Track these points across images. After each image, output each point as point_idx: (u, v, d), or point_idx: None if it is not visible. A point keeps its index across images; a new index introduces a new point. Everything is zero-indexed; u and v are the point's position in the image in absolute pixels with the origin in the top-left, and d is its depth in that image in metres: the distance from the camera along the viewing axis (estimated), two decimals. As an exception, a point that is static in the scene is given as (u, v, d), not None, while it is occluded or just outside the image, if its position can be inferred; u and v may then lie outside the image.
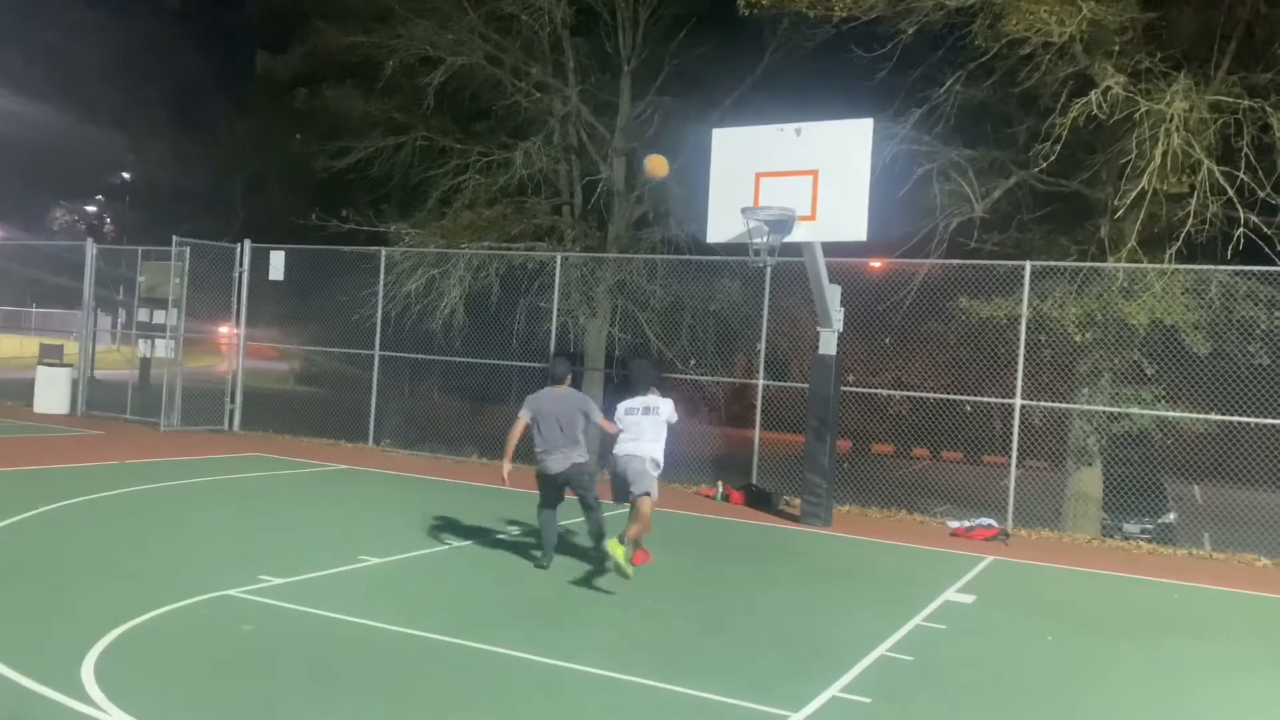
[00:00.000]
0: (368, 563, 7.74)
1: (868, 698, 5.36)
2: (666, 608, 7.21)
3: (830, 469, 11.32)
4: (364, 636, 5.89)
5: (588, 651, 5.84)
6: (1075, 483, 12.74)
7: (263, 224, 20.07)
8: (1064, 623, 7.49)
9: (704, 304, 15.48)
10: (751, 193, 10.13)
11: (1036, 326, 12.01)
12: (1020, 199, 13.10)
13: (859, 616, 7.23)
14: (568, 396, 7.90)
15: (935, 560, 9.75)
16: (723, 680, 5.47)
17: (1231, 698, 5.99)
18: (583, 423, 7.86)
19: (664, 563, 8.78)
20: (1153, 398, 11.97)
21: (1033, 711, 5.44)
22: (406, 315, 15.78)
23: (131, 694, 4.63)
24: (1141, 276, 11.49)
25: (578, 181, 16.89)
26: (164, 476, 11.46)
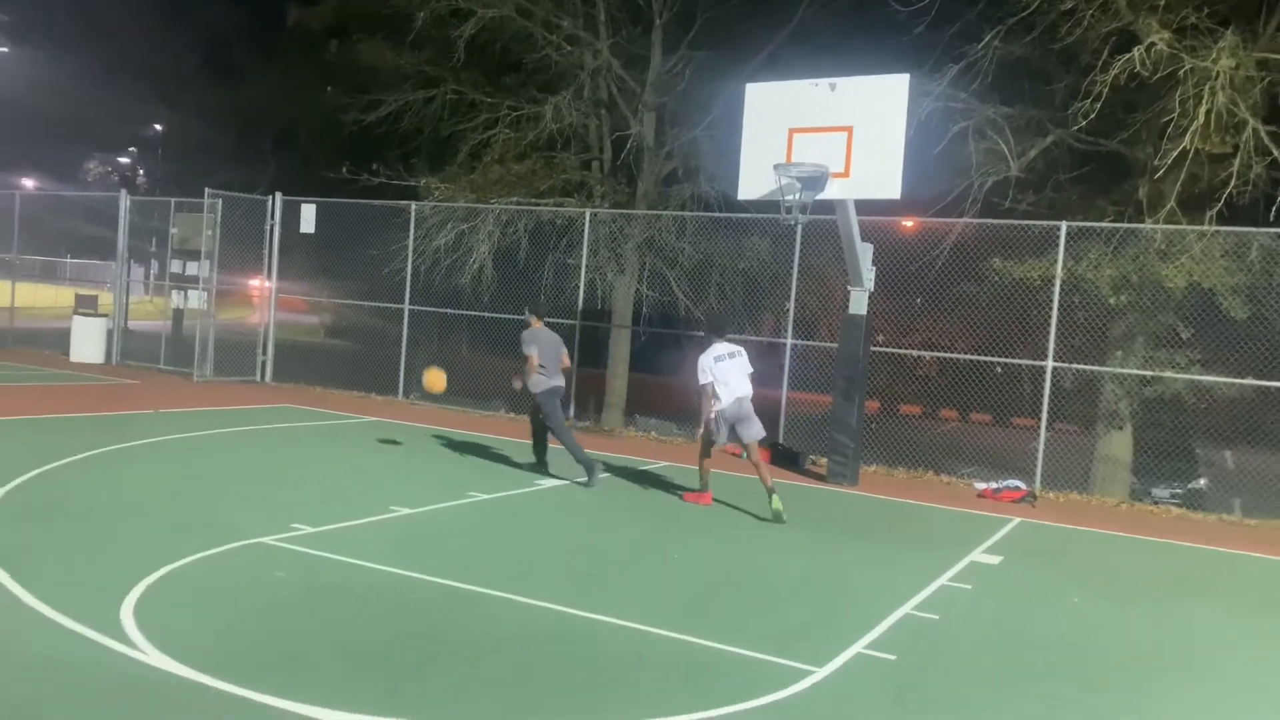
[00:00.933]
0: (398, 513, 7.84)
1: (892, 655, 5.39)
2: (692, 562, 7.27)
3: (858, 429, 11.30)
4: (395, 585, 5.99)
5: (613, 604, 5.90)
6: (1105, 446, 12.65)
7: (294, 177, 20.15)
8: (1090, 585, 7.48)
9: (733, 262, 15.39)
10: (784, 149, 10.02)
11: (1070, 288, 11.86)
12: (1057, 158, 12.87)
13: (884, 575, 7.25)
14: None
15: (962, 521, 9.75)
16: (748, 635, 5.52)
17: (1259, 664, 5.98)
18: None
19: (690, 518, 8.84)
20: (1187, 362, 11.82)
21: (1057, 672, 5.46)
22: (436, 270, 15.82)
23: (168, 636, 4.75)
24: (1180, 238, 11.30)
25: (607, 137, 16.76)
26: (198, 426, 11.63)
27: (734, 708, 4.46)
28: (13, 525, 6.57)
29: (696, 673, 4.93)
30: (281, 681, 4.32)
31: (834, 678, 4.97)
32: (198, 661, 4.45)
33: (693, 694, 4.58)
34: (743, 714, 4.42)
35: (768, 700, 4.59)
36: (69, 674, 4.30)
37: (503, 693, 4.48)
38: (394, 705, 4.19)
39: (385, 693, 4.34)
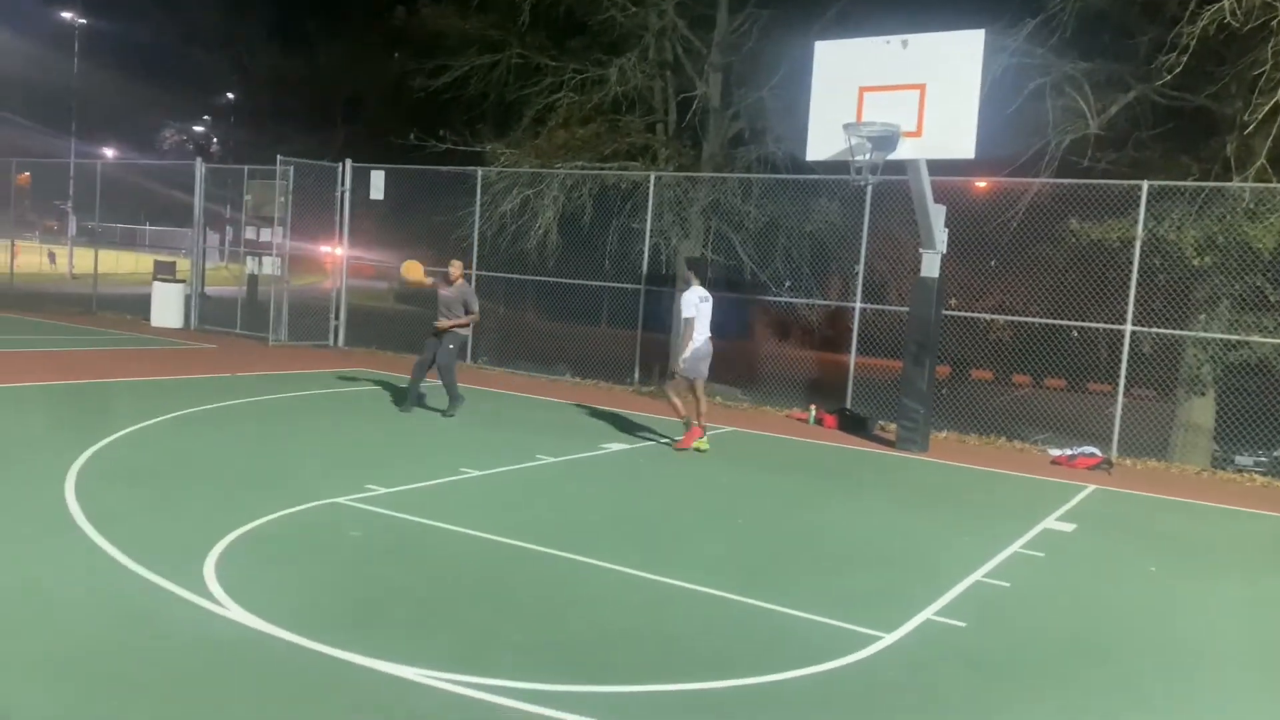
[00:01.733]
0: (468, 475, 7.96)
1: (963, 622, 5.33)
2: (760, 526, 7.26)
3: (928, 394, 11.13)
4: (468, 545, 6.09)
5: (682, 566, 5.93)
6: (1185, 412, 12.29)
7: (362, 144, 20.39)
8: (1168, 554, 7.30)
9: (800, 225, 15.20)
10: (854, 108, 9.83)
11: (1151, 250, 11.48)
12: (1139, 115, 12.41)
13: (955, 542, 7.16)
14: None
15: (1035, 488, 9.57)
16: (816, 600, 5.51)
17: (1348, 636, 5.78)
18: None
19: (757, 482, 8.82)
20: (1276, 325, 11.39)
21: (1131, 643, 5.34)
22: (502, 235, 15.91)
23: (249, 592, 4.89)
24: (1270, 197, 10.84)
25: (672, 99, 16.61)
26: (274, 389, 11.92)
27: (802, 671, 4.46)
28: (100, 486, 6.82)
29: (765, 636, 4.93)
30: (356, 637, 4.43)
31: (903, 643, 4.94)
32: (276, 617, 4.58)
33: (762, 657, 4.59)
34: (811, 678, 4.42)
35: (836, 664, 4.58)
36: (156, 628, 4.46)
37: (574, 652, 4.53)
38: (467, 662, 4.27)
39: (458, 649, 4.43)
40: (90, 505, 6.21)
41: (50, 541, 5.52)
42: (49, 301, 21.27)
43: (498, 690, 4.02)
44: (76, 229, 27.13)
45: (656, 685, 4.20)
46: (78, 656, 4.10)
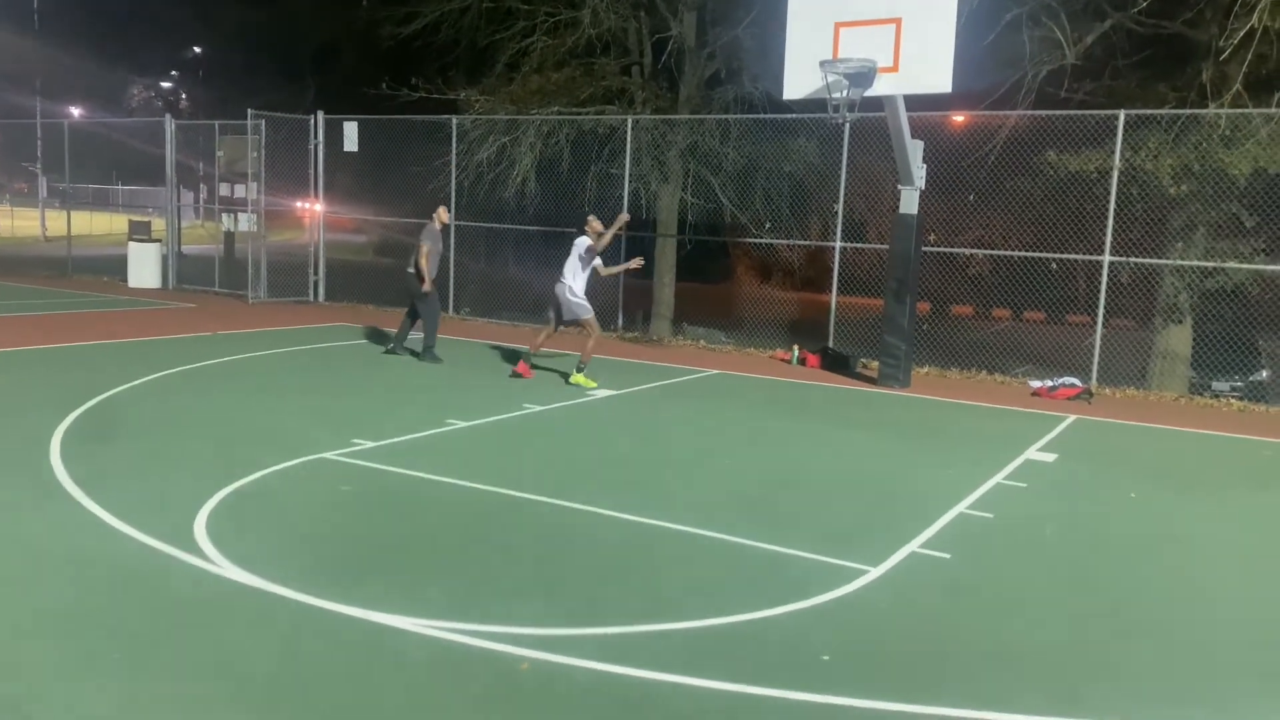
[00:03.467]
0: (455, 426, 7.99)
1: (947, 553, 5.44)
2: (746, 466, 7.34)
3: (909, 330, 11.21)
4: (457, 495, 6.15)
5: (671, 508, 6.01)
6: (1163, 341, 12.42)
7: (335, 95, 20.04)
8: (1148, 480, 7.44)
9: (778, 165, 15.14)
10: (830, 44, 9.75)
11: (1128, 179, 11.51)
12: (1115, 44, 12.34)
13: (938, 475, 7.27)
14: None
15: (1016, 420, 9.70)
16: (803, 536, 5.60)
17: (1320, 553, 5.94)
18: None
19: (743, 423, 8.90)
20: (1251, 251, 11.48)
21: (1114, 567, 5.47)
22: (480, 184, 15.78)
23: (241, 548, 4.94)
24: (1246, 123, 10.86)
25: (647, 40, 16.39)
26: (256, 346, 11.88)
27: (791, 606, 4.55)
28: (86, 448, 6.82)
29: (753, 573, 5.03)
30: (349, 590, 4.49)
31: (889, 576, 5.04)
32: (269, 572, 4.63)
33: (750, 594, 4.68)
34: (800, 612, 4.51)
35: (824, 599, 4.68)
36: (147, 585, 4.50)
37: (565, 593, 4.61)
38: (461, 611, 4.34)
39: (452, 598, 4.50)
40: (76, 468, 6.22)
41: (37, 505, 5.53)
42: (23, 265, 21.02)
43: (492, 636, 4.09)
44: (47, 191, 26.71)
45: (649, 625, 4.28)
46: (71, 614, 4.14)
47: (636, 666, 3.87)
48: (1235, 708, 3.83)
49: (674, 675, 3.83)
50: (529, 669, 3.84)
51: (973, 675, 4.01)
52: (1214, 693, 3.95)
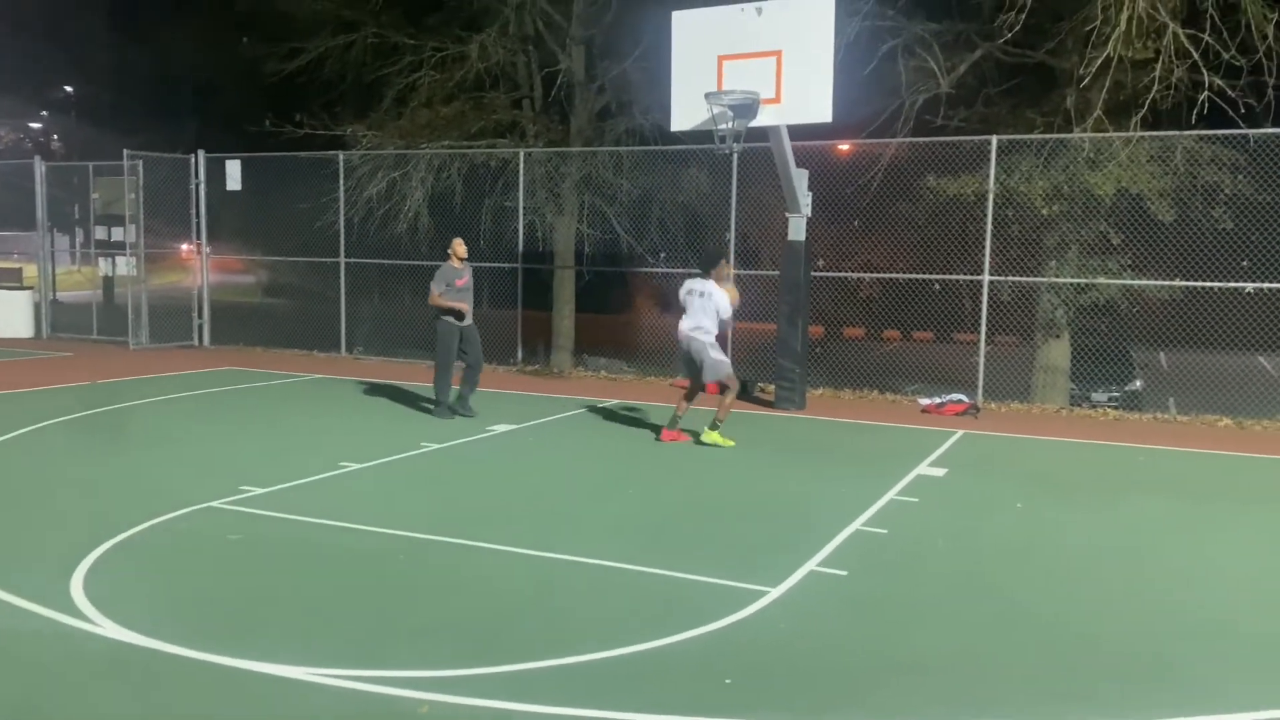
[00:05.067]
0: (349, 469, 7.80)
1: (844, 570, 5.53)
2: (647, 494, 7.35)
3: (802, 354, 11.43)
4: (352, 539, 5.98)
5: (573, 542, 5.97)
6: (1044, 355, 12.95)
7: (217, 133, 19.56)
8: (1034, 490, 7.71)
9: (672, 195, 15.33)
10: (715, 77, 9.94)
11: (1004, 201, 12.02)
12: (986, 73, 12.93)
13: (834, 493, 7.41)
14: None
15: (908, 437, 9.96)
16: (704, 561, 5.63)
17: (1196, 552, 6.24)
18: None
19: (642, 452, 8.92)
20: (1119, 267, 12.09)
21: (1004, 576, 5.65)
22: (370, 220, 15.55)
23: (121, 606, 4.70)
24: (1107, 146, 11.46)
25: (537, 74, 16.47)
26: (138, 394, 11.41)
27: (692, 633, 4.55)
28: (-49, 508, 6.42)
29: (655, 602, 5.02)
30: (243, 643, 4.31)
31: (788, 596, 5.10)
32: (154, 629, 4.42)
33: (652, 623, 4.67)
34: (701, 638, 4.52)
35: (725, 623, 4.70)
36: (19, 650, 4.25)
37: (467, 633, 4.52)
38: (360, 657, 4.21)
39: (350, 645, 4.36)
40: (-60, 531, 5.85)
41: (-103, 573, 5.18)
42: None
43: (394, 681, 3.98)
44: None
45: (554, 660, 4.23)
46: (-64, 690, 3.87)
47: (540, 703, 3.82)
48: (1127, 703, 3.98)
49: (578, 709, 3.79)
50: (429, 712, 3.75)
51: (875, 689, 4.07)
52: (1105, 691, 4.10)
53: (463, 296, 10.04)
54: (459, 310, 9.97)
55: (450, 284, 9.94)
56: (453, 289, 9.94)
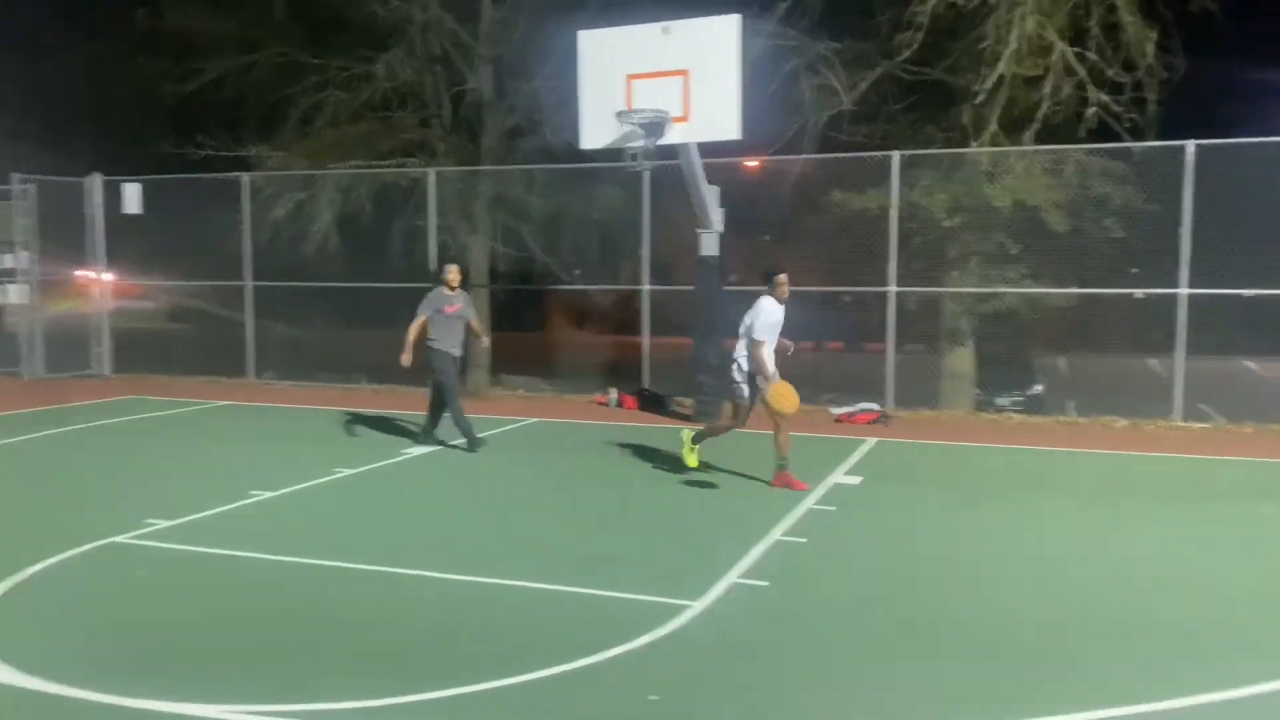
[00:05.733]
0: (259, 498, 7.61)
1: (766, 581, 5.61)
2: (569, 513, 7.34)
3: (718, 368, 11.55)
4: (264, 571, 5.84)
5: (495, 563, 5.93)
6: (949, 362, 13.34)
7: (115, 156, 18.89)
8: (944, 494, 7.93)
9: (585, 213, 15.37)
10: (624, 95, 10.02)
11: (907, 215, 12.36)
12: (886, 90, 13.32)
13: (753, 505, 7.50)
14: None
15: (822, 446, 10.13)
16: (627, 579, 5.65)
17: (1101, 550, 6.48)
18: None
19: (564, 470, 8.91)
20: (1018, 276, 12.53)
21: (922, 578, 5.80)
22: (277, 242, 15.23)
23: (20, 649, 4.51)
24: (1003, 160, 11.90)
25: (445, 93, 16.36)
26: (34, 427, 10.94)
27: (618, 650, 4.56)
28: None
29: (581, 622, 5.02)
30: (154, 682, 4.17)
31: (711, 609, 5.15)
32: (55, 673, 4.25)
33: (579, 643, 4.66)
34: (626, 655, 4.53)
35: (649, 639, 4.72)
36: (-87, 703, 4.04)
37: (387, 664, 4.45)
38: (280, 690, 4.11)
39: (269, 678, 4.26)
40: None
41: None
42: None
43: (319, 715, 3.90)
44: None
45: (480, 685, 4.19)
46: None
47: (464, 729, 3.78)
48: (1040, 699, 4.11)
49: (503, 733, 3.76)
50: (350, 745, 3.68)
51: (799, 699, 4.13)
52: (1017, 689, 4.23)
53: (452, 325, 9.45)
54: (406, 358, 9.33)
55: (439, 310, 9.39)
56: (441, 315, 9.39)
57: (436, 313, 9.41)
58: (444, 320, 9.41)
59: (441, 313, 9.41)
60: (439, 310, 9.41)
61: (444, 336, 9.42)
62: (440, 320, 9.40)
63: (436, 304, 9.43)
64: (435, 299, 9.46)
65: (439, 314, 9.41)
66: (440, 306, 9.42)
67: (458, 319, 9.53)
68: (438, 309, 9.41)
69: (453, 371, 9.53)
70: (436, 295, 9.47)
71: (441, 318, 9.40)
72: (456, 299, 9.54)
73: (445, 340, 9.43)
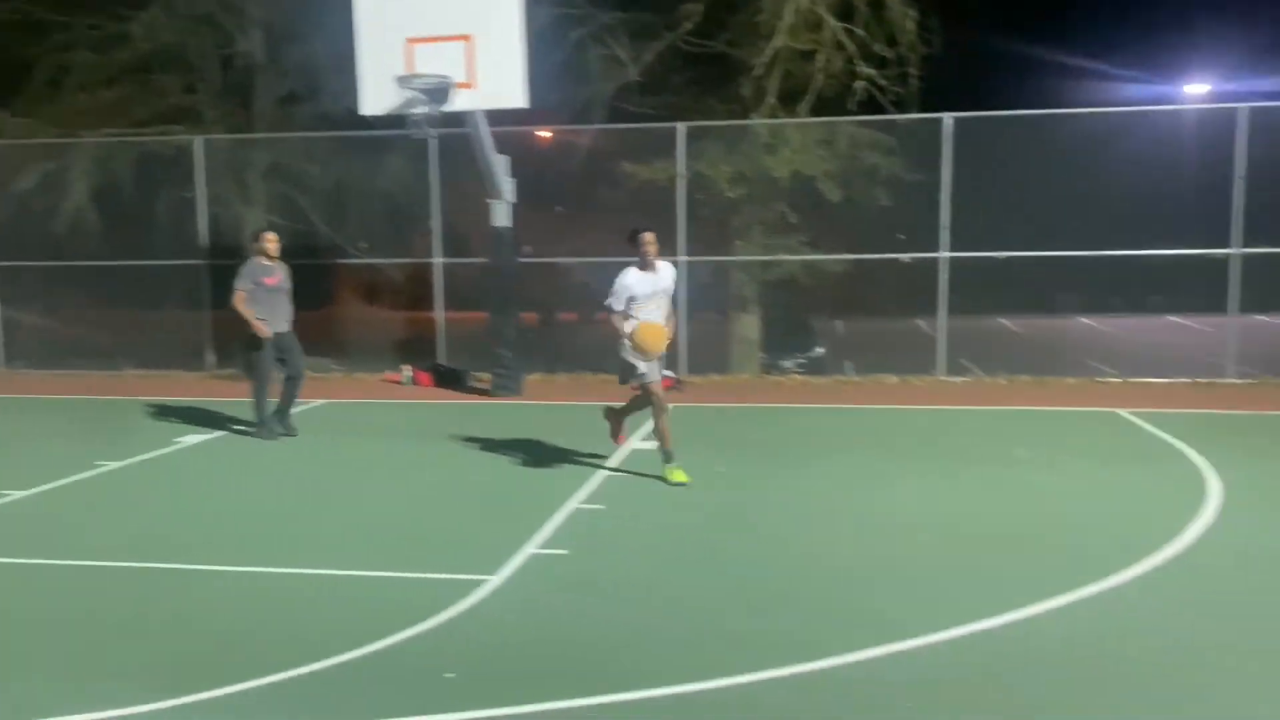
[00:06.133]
0: (10, 497, 6.92)
1: (565, 549, 5.63)
2: (364, 496, 7.11)
3: (516, 340, 11.48)
4: (24, 576, 5.32)
5: (281, 553, 5.67)
6: (737, 328, 13.81)
7: None
8: (734, 454, 8.21)
9: (371, 183, 14.82)
10: (404, 60, 9.70)
11: (694, 186, 12.65)
12: (671, 62, 13.53)
13: (552, 476, 7.51)
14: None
15: (619, 414, 10.26)
16: (423, 558, 5.54)
17: (878, 500, 6.90)
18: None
19: (357, 453, 8.60)
20: (798, 244, 13.09)
21: (717, 535, 5.99)
22: (23, 218, 13.84)
23: None
24: (781, 131, 12.37)
25: (213, 56, 15.29)
26: None
27: (413, 631, 4.46)
28: None
29: (375, 606, 4.87)
30: (-122, 710, 3.72)
31: (509, 582, 5.12)
32: None
33: (372, 627, 4.51)
34: (422, 635, 4.44)
35: (446, 616, 4.64)
36: None
37: (174, 662, 4.16)
38: (54, 700, 3.76)
39: (35, 692, 3.88)
40: None
41: None
42: None
43: (73, 728, 3.59)
44: None
45: (272, 677, 3.99)
46: None
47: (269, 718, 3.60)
48: (826, 643, 4.33)
49: (292, 727, 3.60)
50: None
51: (602, 664, 4.17)
52: (806, 635, 4.44)
53: (274, 299, 8.73)
54: (260, 331, 8.62)
55: (258, 283, 8.65)
56: (261, 289, 8.66)
57: (256, 285, 8.68)
58: (264, 294, 8.69)
59: (261, 285, 8.67)
60: (258, 283, 8.67)
61: (263, 311, 8.68)
62: (260, 294, 8.67)
63: (255, 276, 8.68)
64: (253, 270, 8.71)
65: (259, 287, 8.67)
66: (259, 279, 8.68)
67: (278, 292, 8.81)
68: (256, 281, 8.67)
69: (270, 352, 8.81)
70: (254, 266, 8.73)
71: (261, 291, 8.67)
72: (276, 270, 8.83)
73: (265, 315, 8.68)
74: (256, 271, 8.72)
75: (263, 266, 8.75)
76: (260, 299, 8.69)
